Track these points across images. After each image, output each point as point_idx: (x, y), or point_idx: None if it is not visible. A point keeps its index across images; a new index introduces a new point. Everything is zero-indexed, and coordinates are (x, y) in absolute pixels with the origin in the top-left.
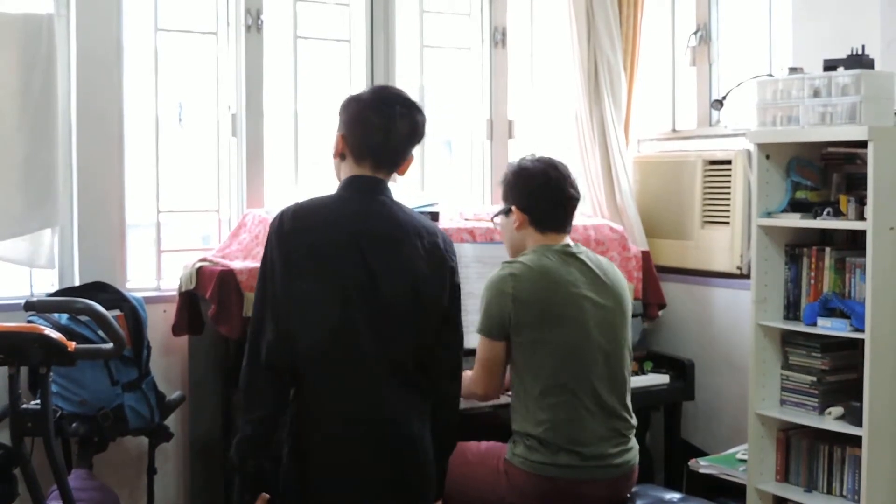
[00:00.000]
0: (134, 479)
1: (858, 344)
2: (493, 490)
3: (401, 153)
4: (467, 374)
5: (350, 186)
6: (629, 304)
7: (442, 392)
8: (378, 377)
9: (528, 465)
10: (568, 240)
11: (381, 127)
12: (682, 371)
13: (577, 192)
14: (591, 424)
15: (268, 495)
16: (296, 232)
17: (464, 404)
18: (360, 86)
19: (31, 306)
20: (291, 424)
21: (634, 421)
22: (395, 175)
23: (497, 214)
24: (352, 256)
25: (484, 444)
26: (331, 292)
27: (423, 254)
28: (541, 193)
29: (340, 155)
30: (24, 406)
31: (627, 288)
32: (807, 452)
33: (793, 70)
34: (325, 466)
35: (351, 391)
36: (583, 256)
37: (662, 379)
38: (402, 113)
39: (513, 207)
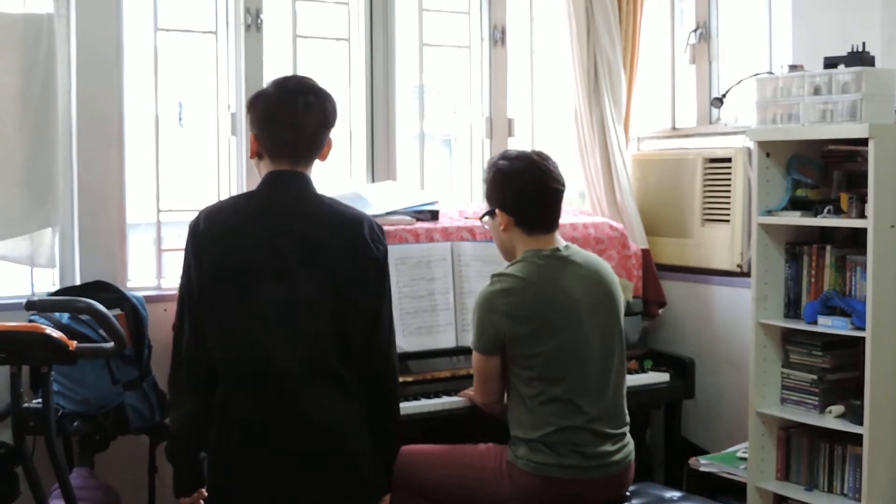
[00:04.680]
0: (135, 478)
1: (859, 342)
2: (496, 492)
3: (316, 143)
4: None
5: (268, 183)
6: (621, 301)
7: (375, 391)
8: (298, 379)
9: (533, 466)
10: (558, 239)
11: (291, 122)
12: (682, 369)
13: (562, 183)
14: (591, 428)
15: (205, 492)
16: (209, 233)
17: (464, 403)
18: (359, 84)
19: (33, 305)
20: (216, 424)
21: (628, 417)
22: (316, 161)
23: (484, 215)
24: (265, 256)
25: (482, 447)
26: (243, 294)
27: (343, 248)
28: (522, 194)
29: (258, 154)
30: (26, 405)
31: (619, 285)
32: (807, 451)
33: (793, 67)
34: (243, 469)
35: (268, 394)
36: (574, 258)
37: (662, 377)
38: (311, 103)
39: (497, 210)
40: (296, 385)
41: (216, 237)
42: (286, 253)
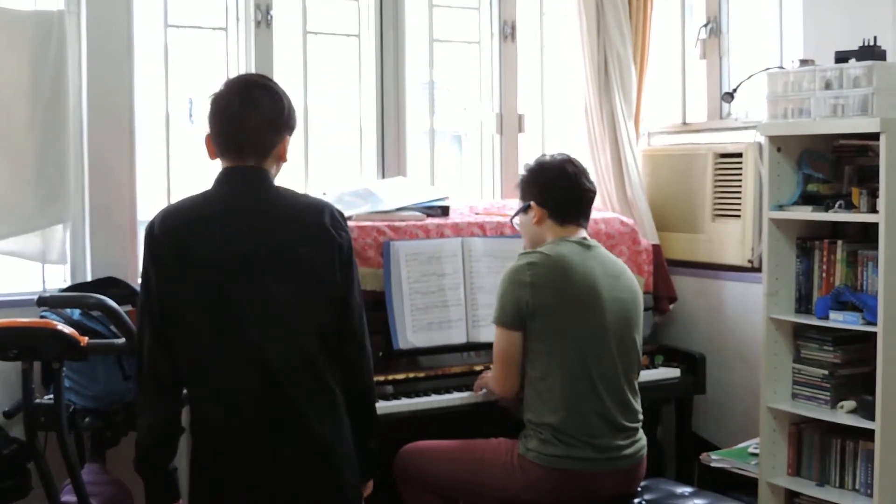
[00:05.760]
0: None
1: (871, 337)
2: (508, 486)
3: (264, 136)
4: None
5: (221, 180)
6: (641, 299)
7: (350, 377)
8: (276, 377)
9: (544, 458)
10: (585, 234)
11: (234, 113)
12: (693, 365)
13: (593, 187)
14: (604, 414)
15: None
16: (164, 235)
17: (475, 398)
18: (369, 80)
19: (44, 301)
20: (193, 429)
21: (641, 415)
22: (280, 164)
23: (516, 214)
24: (228, 257)
25: (494, 441)
26: (205, 294)
27: (305, 238)
28: (559, 187)
29: (216, 155)
30: (38, 401)
31: (639, 286)
32: (819, 446)
33: (804, 62)
34: (222, 470)
35: (239, 393)
36: (599, 251)
37: (673, 373)
38: (257, 97)
39: (532, 203)
40: (274, 383)
41: (174, 241)
42: (248, 251)
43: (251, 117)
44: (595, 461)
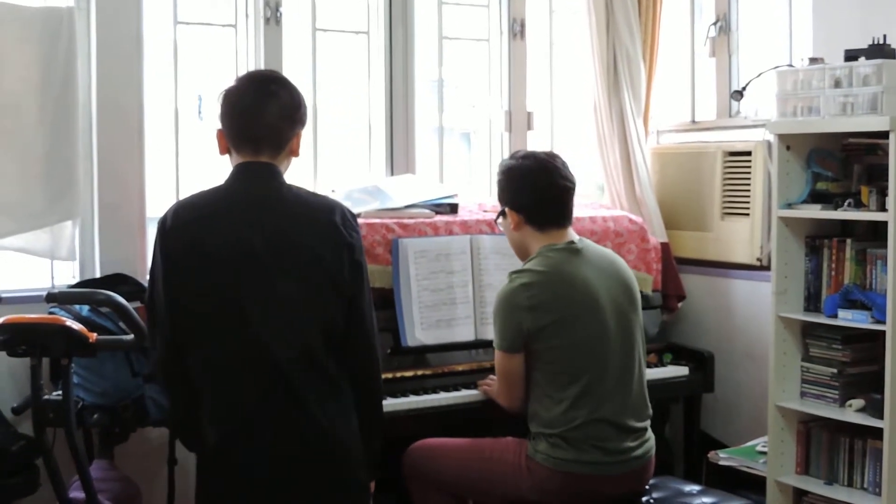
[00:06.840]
0: (155, 470)
1: (879, 336)
2: (515, 486)
3: (278, 130)
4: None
5: (235, 175)
6: (637, 292)
7: (358, 377)
8: (287, 377)
9: (553, 461)
10: (571, 234)
11: (248, 107)
12: (701, 363)
13: (570, 181)
14: (613, 420)
15: None
16: (177, 229)
17: (482, 396)
18: (378, 78)
19: (53, 298)
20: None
21: (650, 410)
22: (291, 158)
23: (497, 216)
24: (236, 249)
25: (502, 440)
26: (213, 289)
27: (316, 237)
28: (531, 192)
29: (227, 150)
30: (46, 397)
31: (635, 278)
32: (827, 445)
33: (813, 60)
34: (227, 469)
35: (245, 389)
36: (589, 251)
37: (682, 371)
38: (272, 91)
39: (506, 209)
40: (284, 383)
41: (186, 235)
42: (259, 248)
43: (268, 110)
44: (604, 464)
